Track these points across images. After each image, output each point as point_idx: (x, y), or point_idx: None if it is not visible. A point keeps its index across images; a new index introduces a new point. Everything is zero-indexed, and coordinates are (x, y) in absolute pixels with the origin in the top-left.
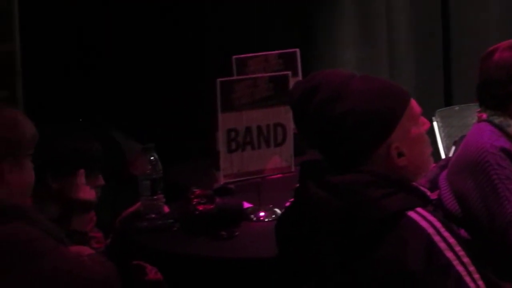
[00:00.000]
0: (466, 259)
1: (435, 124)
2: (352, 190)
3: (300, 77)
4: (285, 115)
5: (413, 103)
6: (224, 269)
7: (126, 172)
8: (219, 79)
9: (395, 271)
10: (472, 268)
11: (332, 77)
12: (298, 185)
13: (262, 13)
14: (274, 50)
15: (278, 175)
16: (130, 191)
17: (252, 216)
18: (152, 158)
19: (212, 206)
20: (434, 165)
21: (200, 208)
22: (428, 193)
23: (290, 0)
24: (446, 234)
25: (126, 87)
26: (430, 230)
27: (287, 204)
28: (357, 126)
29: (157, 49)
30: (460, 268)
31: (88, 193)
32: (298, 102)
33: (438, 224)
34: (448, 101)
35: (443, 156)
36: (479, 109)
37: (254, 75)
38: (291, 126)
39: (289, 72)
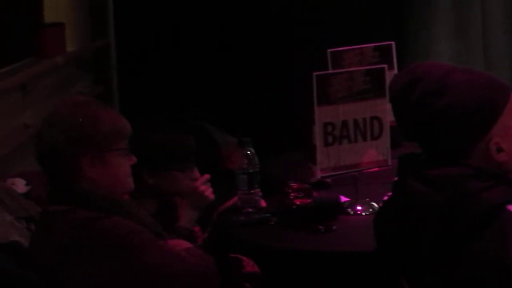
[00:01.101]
0: None
1: None
2: (452, 183)
3: (395, 70)
4: (382, 108)
5: None
6: (322, 263)
7: (221, 166)
8: (315, 73)
9: (494, 265)
10: None
11: (434, 70)
12: (396, 178)
13: (356, 6)
14: (369, 43)
15: (375, 169)
16: (226, 185)
17: (349, 210)
18: (248, 152)
19: (309, 200)
20: None
21: (298, 202)
22: None
23: None
24: None
25: (221, 81)
26: None
27: (385, 198)
28: (458, 120)
29: (252, 43)
30: None
31: (186, 187)
32: (399, 94)
33: None
34: None
35: None
36: None
37: (350, 69)
38: (387, 119)
39: (385, 65)
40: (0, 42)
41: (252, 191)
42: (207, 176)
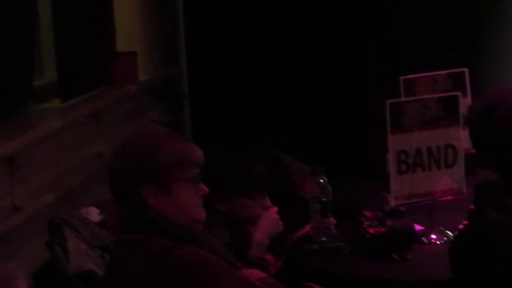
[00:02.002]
0: None
1: None
2: None
3: (469, 97)
4: (456, 136)
5: None
6: None
7: (293, 193)
8: (388, 101)
9: None
10: None
11: (511, 96)
12: (472, 206)
13: (428, 32)
14: (440, 70)
15: (449, 197)
16: (298, 212)
17: (423, 238)
18: (321, 180)
19: (383, 229)
20: None
21: (371, 230)
22: None
23: (455, 19)
24: None
25: (293, 108)
26: None
27: (461, 226)
28: None
29: (325, 71)
30: None
31: (257, 214)
32: (476, 120)
33: None
34: None
35: None
36: None
37: (423, 96)
38: (461, 147)
39: (459, 92)
40: (73, 71)
41: (325, 220)
42: (276, 208)
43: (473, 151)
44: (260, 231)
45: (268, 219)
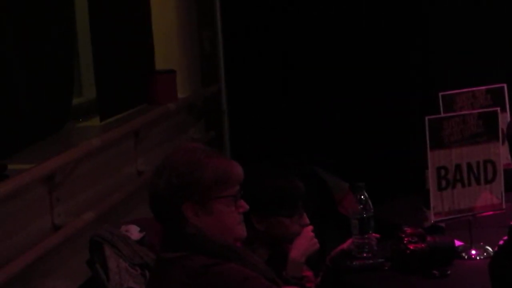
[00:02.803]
0: None
1: None
2: None
3: (508, 113)
4: (495, 151)
5: None
6: None
7: (333, 210)
8: (427, 117)
9: None
10: None
11: None
12: None
13: (467, 48)
14: (480, 86)
15: (489, 212)
16: (338, 229)
17: (463, 254)
18: (362, 197)
19: (423, 245)
20: None
21: (411, 247)
22: None
23: (495, 34)
24: None
25: (333, 125)
26: None
27: (501, 242)
28: None
29: (364, 87)
30: None
31: (295, 232)
32: None
33: None
34: None
35: None
36: None
37: (463, 112)
38: (501, 163)
39: (498, 108)
40: (113, 89)
41: (366, 236)
42: (311, 227)
43: None
44: (295, 250)
45: (304, 238)
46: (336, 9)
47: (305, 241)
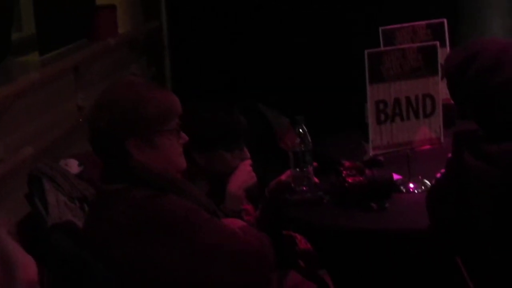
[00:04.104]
0: None
1: None
2: (510, 159)
3: (447, 48)
4: (434, 86)
5: None
6: (374, 241)
7: (274, 146)
8: (367, 50)
9: None
10: None
11: (490, 46)
12: (450, 155)
13: None
14: (421, 21)
15: (428, 146)
16: (279, 165)
17: (401, 187)
18: (300, 130)
19: (362, 178)
20: None
21: (350, 180)
22: None
23: None
24: None
25: (273, 61)
26: None
27: (438, 175)
28: None
29: (303, 21)
30: None
31: (236, 167)
32: (455, 70)
33: None
34: None
35: None
36: None
37: (402, 46)
38: (440, 97)
39: (437, 42)
40: (52, 24)
41: (304, 170)
42: (250, 161)
43: (452, 102)
44: (233, 184)
45: (241, 171)
46: None
47: (242, 175)
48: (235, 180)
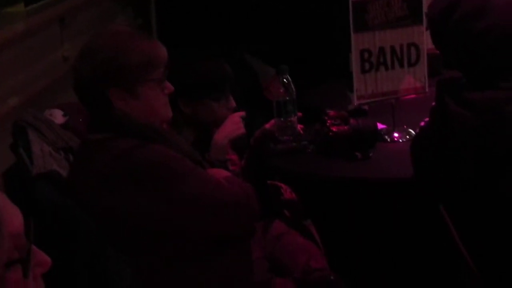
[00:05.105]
0: None
1: None
2: (491, 107)
3: None
4: (419, 35)
5: None
6: (359, 190)
7: (260, 96)
8: (352, 0)
9: None
10: None
11: None
12: (434, 104)
13: None
14: None
15: (412, 96)
16: (264, 116)
17: (386, 137)
18: (285, 79)
19: (346, 128)
20: None
21: (334, 129)
22: None
23: None
24: None
25: (260, 12)
26: None
27: (422, 123)
28: (498, 42)
29: None
30: None
31: (222, 116)
32: (438, 18)
33: None
34: None
35: None
36: None
37: None
38: (424, 46)
39: None
40: None
41: (289, 119)
42: (242, 113)
43: (437, 52)
44: (219, 133)
45: (229, 121)
46: None
47: (230, 125)
48: (222, 130)
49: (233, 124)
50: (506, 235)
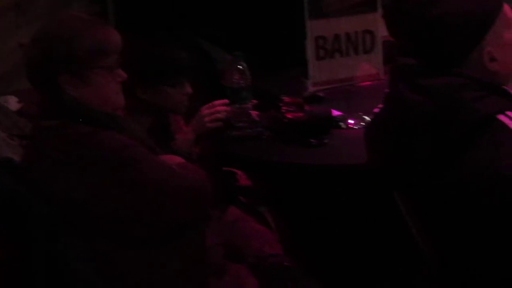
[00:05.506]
0: None
1: None
2: (445, 93)
3: None
4: (374, 22)
5: (506, 8)
6: (313, 176)
7: (217, 82)
8: None
9: (488, 173)
10: None
11: None
12: (388, 90)
13: None
14: None
15: (368, 82)
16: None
17: (341, 123)
18: (240, 66)
19: (301, 114)
20: None
21: (289, 116)
22: None
23: None
24: None
25: None
26: None
27: (376, 110)
28: (451, 29)
29: None
30: None
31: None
32: (392, 5)
33: None
34: None
35: None
36: None
37: None
38: (379, 33)
39: None
40: None
41: (244, 106)
42: (218, 102)
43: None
44: (189, 127)
45: (197, 115)
46: None
47: (197, 119)
48: (192, 123)
49: (200, 118)
50: (459, 219)
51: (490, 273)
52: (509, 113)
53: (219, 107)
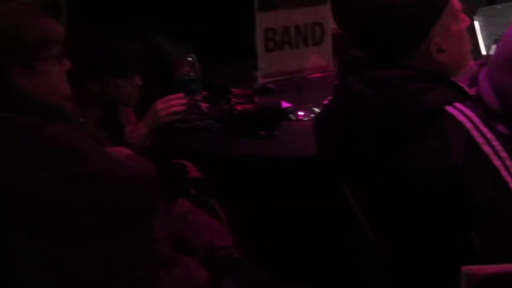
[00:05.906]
0: (503, 154)
1: (476, 23)
2: (393, 85)
3: None
4: (323, 14)
5: (454, 0)
6: (263, 168)
7: (167, 74)
8: None
9: (436, 164)
10: (509, 163)
11: None
12: (337, 82)
13: None
14: None
15: (318, 74)
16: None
17: (291, 115)
18: (189, 58)
19: (251, 106)
20: (474, 63)
21: (239, 108)
22: (467, 88)
23: None
24: (484, 129)
25: None
26: (468, 125)
27: (325, 101)
28: (398, 20)
29: None
30: (497, 163)
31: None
32: None
33: (476, 119)
34: (491, 0)
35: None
36: None
37: None
38: (329, 25)
39: None
40: None
41: (193, 98)
42: (172, 96)
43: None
44: (142, 122)
45: (151, 110)
46: None
47: (151, 113)
48: (146, 117)
49: (154, 113)
50: (407, 210)
51: (438, 262)
52: (457, 104)
53: (174, 101)
